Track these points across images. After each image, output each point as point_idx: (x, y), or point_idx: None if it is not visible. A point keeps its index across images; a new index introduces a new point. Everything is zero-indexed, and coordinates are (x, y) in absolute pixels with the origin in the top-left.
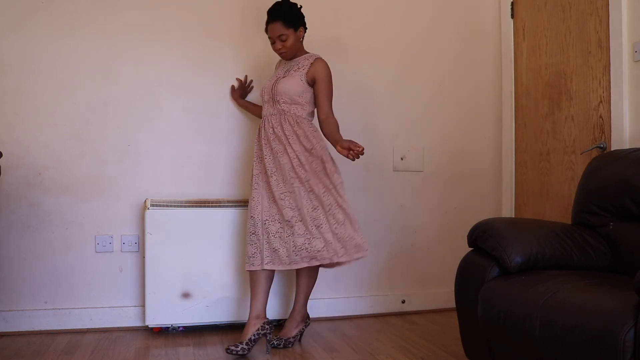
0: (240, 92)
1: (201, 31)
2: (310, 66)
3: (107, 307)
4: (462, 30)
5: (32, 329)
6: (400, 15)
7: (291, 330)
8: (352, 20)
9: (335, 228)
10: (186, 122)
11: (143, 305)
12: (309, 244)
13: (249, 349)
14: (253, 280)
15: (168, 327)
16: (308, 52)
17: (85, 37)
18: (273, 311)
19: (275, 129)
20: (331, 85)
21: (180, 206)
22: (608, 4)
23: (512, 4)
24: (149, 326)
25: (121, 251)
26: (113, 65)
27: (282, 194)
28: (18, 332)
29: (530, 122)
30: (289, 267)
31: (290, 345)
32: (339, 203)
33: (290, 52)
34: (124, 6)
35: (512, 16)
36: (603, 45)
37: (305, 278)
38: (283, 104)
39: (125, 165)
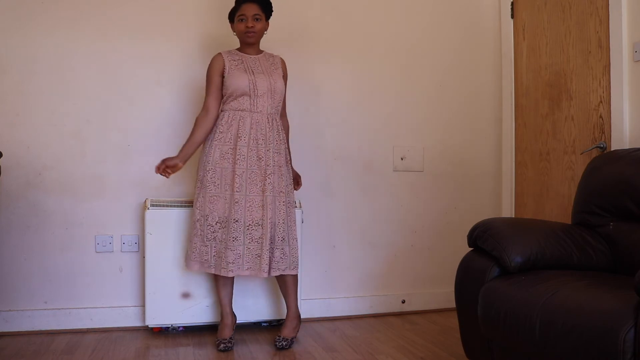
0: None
1: (201, 32)
2: (282, 65)
3: (107, 307)
4: (462, 31)
5: (32, 329)
6: (400, 16)
7: (292, 331)
8: (352, 20)
9: (276, 243)
10: (186, 122)
11: (143, 305)
12: (249, 254)
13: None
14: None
15: (168, 327)
16: (264, 50)
17: (85, 37)
18: (272, 311)
19: (266, 128)
20: None
21: (180, 206)
22: (608, 4)
23: (512, 4)
24: (149, 326)
25: (121, 251)
26: (113, 65)
27: (240, 195)
28: (18, 332)
29: (530, 122)
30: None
31: (290, 346)
32: (287, 220)
33: (256, 37)
34: (124, 6)
35: (512, 16)
36: (603, 45)
37: (290, 278)
38: (278, 105)
39: (125, 165)
